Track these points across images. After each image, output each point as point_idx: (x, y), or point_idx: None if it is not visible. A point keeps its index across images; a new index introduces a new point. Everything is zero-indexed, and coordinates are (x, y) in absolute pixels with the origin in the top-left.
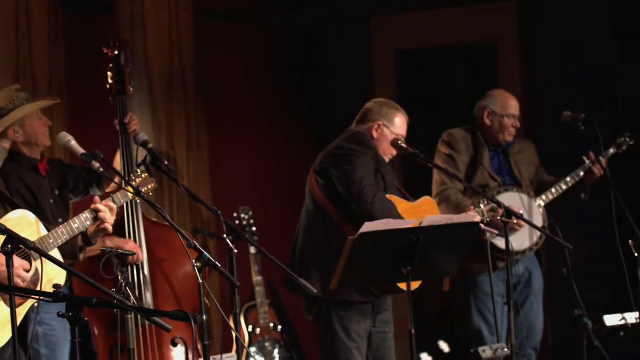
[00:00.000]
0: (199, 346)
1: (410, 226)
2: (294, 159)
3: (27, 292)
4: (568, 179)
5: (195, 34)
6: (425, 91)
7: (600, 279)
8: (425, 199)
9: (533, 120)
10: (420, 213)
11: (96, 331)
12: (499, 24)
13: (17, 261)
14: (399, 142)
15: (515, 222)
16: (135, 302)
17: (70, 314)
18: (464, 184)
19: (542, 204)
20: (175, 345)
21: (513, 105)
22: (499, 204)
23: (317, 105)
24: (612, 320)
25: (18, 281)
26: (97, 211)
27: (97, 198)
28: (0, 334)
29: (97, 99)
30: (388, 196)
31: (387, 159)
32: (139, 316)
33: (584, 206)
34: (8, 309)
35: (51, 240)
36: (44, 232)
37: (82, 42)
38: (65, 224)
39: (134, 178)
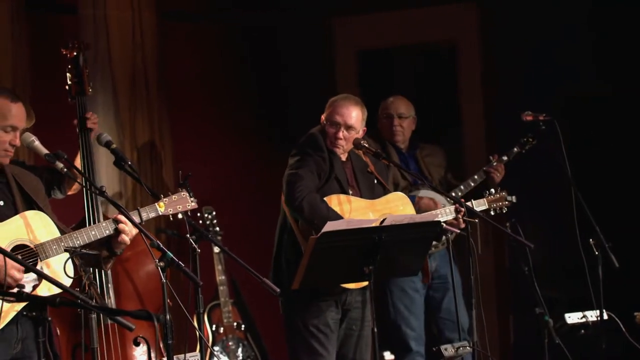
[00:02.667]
0: (161, 345)
1: (371, 225)
2: (255, 159)
3: None
4: (476, 176)
5: (158, 35)
6: (386, 91)
7: (562, 277)
8: (395, 194)
9: (493, 120)
10: (391, 208)
11: (58, 331)
12: (460, 24)
13: (9, 262)
14: (361, 142)
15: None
16: (99, 302)
17: (34, 313)
18: (426, 182)
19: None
20: (137, 344)
21: (391, 104)
22: (462, 204)
23: (277, 106)
24: (573, 318)
25: (9, 281)
26: (117, 222)
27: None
28: None
29: (59, 100)
30: (344, 197)
31: (339, 152)
32: (102, 315)
33: (544, 204)
34: None
35: (62, 243)
36: (56, 234)
37: (45, 43)
38: (82, 230)
39: (170, 195)
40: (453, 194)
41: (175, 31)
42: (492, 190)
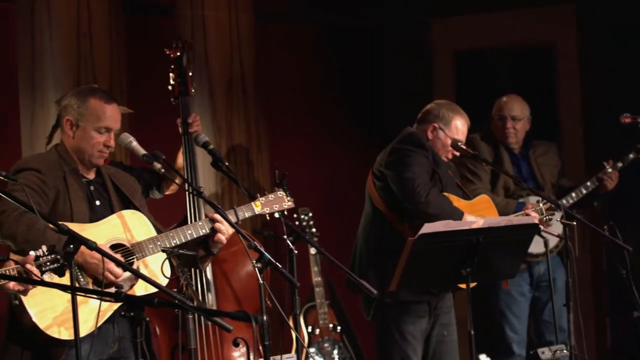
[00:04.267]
0: (260, 346)
1: (470, 227)
2: (352, 161)
3: (88, 292)
4: (588, 183)
5: (255, 36)
6: (483, 93)
7: None
8: (482, 197)
9: (591, 122)
10: (476, 211)
11: (158, 331)
12: (557, 25)
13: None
14: (459, 144)
15: (552, 220)
16: (197, 302)
17: (132, 313)
18: (524, 186)
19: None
20: (237, 345)
21: (507, 106)
22: (559, 206)
23: (373, 107)
24: None
25: (108, 275)
26: (214, 221)
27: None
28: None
29: (157, 100)
30: (451, 196)
31: (444, 159)
32: (201, 316)
33: None
34: (96, 304)
35: (159, 243)
36: (153, 233)
37: (142, 43)
38: (178, 229)
39: (267, 194)
40: (561, 200)
41: (271, 32)
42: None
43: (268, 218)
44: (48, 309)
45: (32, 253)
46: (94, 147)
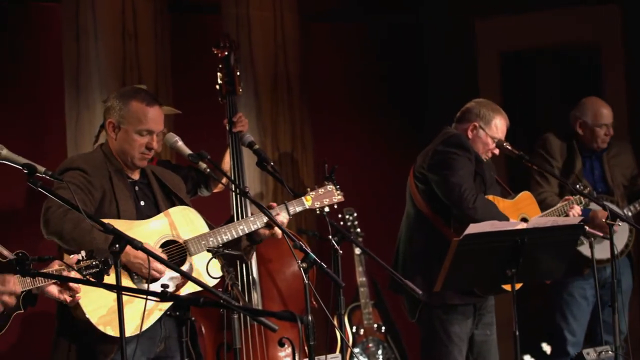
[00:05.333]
0: (305, 346)
1: (515, 228)
2: (397, 161)
3: (134, 291)
4: None
5: (299, 35)
6: (528, 93)
7: None
8: (524, 194)
9: (638, 123)
10: (520, 209)
11: (203, 330)
12: (603, 25)
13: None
14: (504, 144)
15: (620, 224)
16: (243, 302)
17: (177, 313)
18: (569, 186)
19: (630, 214)
20: (282, 345)
21: (605, 114)
22: (604, 207)
23: (418, 106)
24: None
25: (154, 274)
26: (265, 216)
27: (272, 204)
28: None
29: (202, 100)
30: (488, 197)
31: (484, 158)
32: (246, 316)
33: None
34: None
35: (211, 239)
36: (204, 229)
37: (187, 43)
38: (230, 224)
39: (316, 188)
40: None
41: (315, 31)
42: None
43: (318, 212)
44: (102, 306)
45: (75, 256)
46: (136, 149)
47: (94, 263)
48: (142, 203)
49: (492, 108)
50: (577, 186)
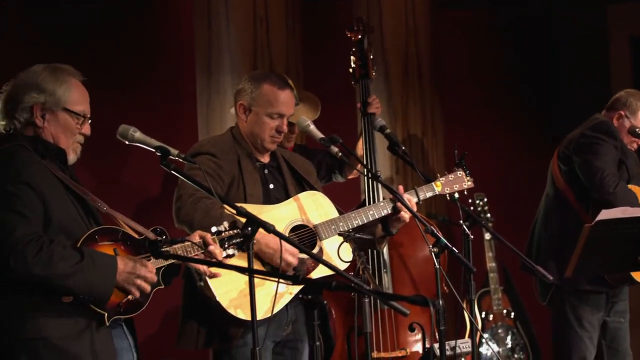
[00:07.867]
0: (435, 331)
1: None
2: (526, 147)
3: (265, 274)
4: None
5: (431, 21)
6: None
7: None
8: None
9: None
10: None
11: (334, 314)
12: None
13: (285, 246)
14: (637, 130)
15: None
16: (374, 286)
17: (309, 296)
18: None
19: None
20: (412, 330)
21: None
22: None
23: (548, 94)
24: None
25: (284, 266)
26: (395, 201)
27: (400, 187)
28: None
29: (333, 83)
30: (631, 186)
31: (630, 148)
32: (377, 300)
33: None
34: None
35: (341, 224)
36: (334, 214)
37: (317, 26)
38: (360, 209)
39: (446, 174)
40: None
41: (446, 18)
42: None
43: (449, 198)
44: (232, 289)
45: (213, 229)
46: (266, 132)
47: (238, 232)
48: (271, 186)
49: None
50: None
